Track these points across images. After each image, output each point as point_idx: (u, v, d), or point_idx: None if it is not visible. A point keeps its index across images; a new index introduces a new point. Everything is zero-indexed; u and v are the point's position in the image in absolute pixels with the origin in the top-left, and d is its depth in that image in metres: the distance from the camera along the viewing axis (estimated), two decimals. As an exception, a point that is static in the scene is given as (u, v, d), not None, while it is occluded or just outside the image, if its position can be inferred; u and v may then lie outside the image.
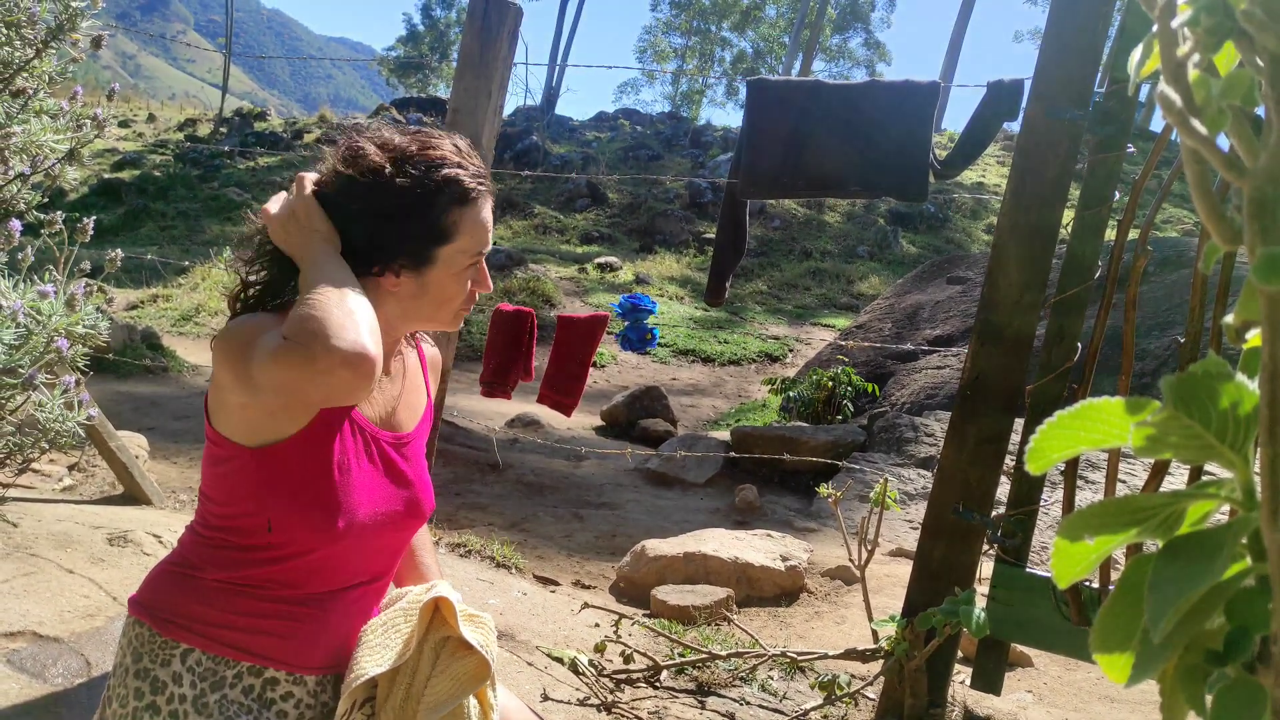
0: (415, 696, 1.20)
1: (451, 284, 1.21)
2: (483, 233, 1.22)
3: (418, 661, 1.22)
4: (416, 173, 1.15)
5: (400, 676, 1.21)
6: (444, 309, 1.24)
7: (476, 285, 1.25)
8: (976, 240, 16.44)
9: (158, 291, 9.85)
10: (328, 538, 1.15)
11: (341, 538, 1.16)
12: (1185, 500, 0.38)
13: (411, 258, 1.17)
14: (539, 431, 6.74)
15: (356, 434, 1.20)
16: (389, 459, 1.25)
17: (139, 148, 18.09)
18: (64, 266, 2.33)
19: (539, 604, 3.32)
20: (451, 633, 1.24)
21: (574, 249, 14.94)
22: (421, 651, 1.23)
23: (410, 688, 1.21)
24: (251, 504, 1.15)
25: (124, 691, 1.16)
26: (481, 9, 2.79)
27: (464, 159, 1.20)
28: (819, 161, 3.02)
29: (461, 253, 1.20)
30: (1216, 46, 0.35)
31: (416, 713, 1.19)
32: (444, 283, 1.21)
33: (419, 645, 1.23)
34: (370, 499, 1.20)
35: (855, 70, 35.92)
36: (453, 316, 1.26)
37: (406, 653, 1.21)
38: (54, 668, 2.25)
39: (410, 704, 1.20)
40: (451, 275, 1.21)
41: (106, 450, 3.47)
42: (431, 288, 1.20)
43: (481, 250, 1.23)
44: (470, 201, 1.19)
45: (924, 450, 5.70)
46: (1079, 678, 3.15)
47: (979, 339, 2.21)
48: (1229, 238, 0.34)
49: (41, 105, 2.27)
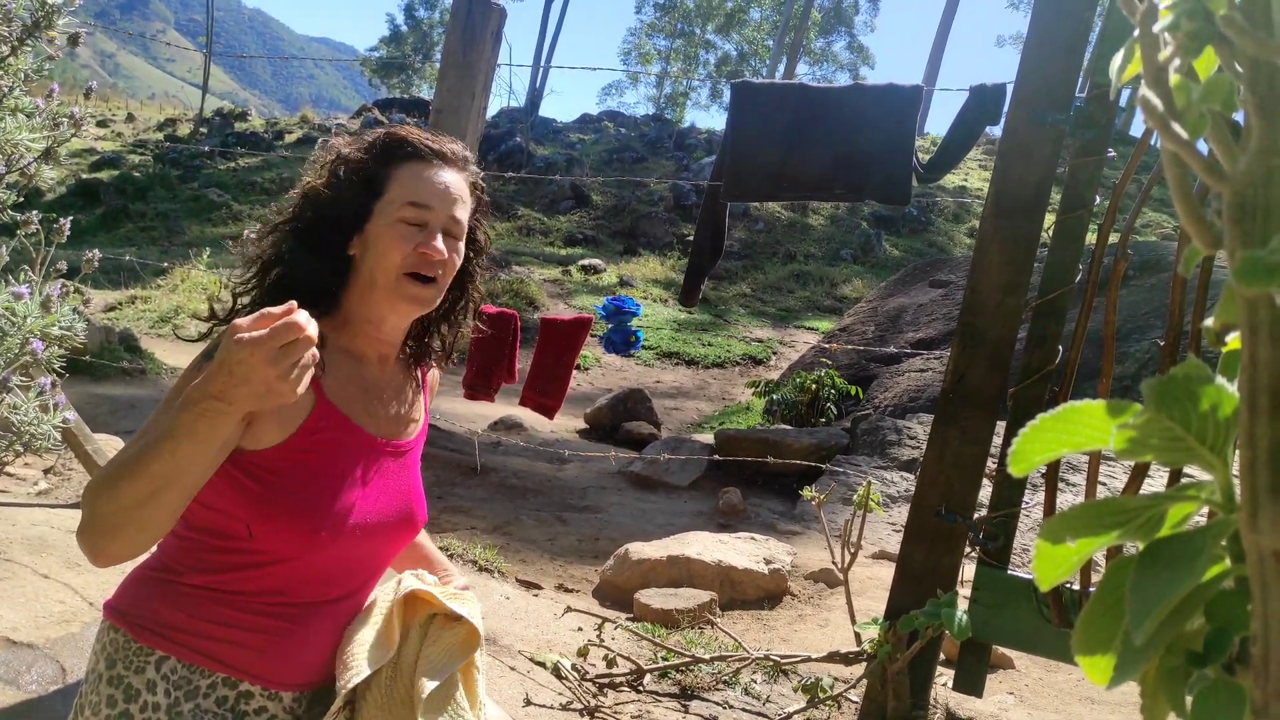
0: (405, 671, 1.19)
1: (385, 237, 1.20)
2: (418, 186, 1.21)
3: (403, 645, 1.21)
4: (368, 140, 1.25)
5: (383, 666, 1.20)
6: (381, 269, 1.19)
7: (421, 246, 1.19)
8: (959, 244, 16.57)
9: (136, 293, 9.75)
10: (310, 545, 1.14)
11: (324, 546, 1.15)
12: (1166, 503, 0.39)
13: (356, 215, 1.21)
14: (522, 434, 6.72)
15: (350, 443, 1.19)
16: (384, 468, 1.23)
17: (118, 148, 17.91)
18: (40, 267, 2.30)
19: (521, 608, 3.31)
20: (438, 610, 1.24)
21: (558, 251, 14.93)
22: (407, 636, 1.22)
23: (397, 665, 1.20)
24: (232, 507, 1.13)
25: (96, 699, 1.15)
26: (465, 10, 2.78)
27: (420, 132, 1.26)
28: (803, 164, 3.03)
29: (391, 203, 1.20)
30: (1197, 51, 0.35)
31: (412, 687, 1.17)
32: (379, 236, 1.20)
33: (402, 634, 1.22)
34: (360, 509, 1.18)
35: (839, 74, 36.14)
36: (395, 280, 1.19)
37: (388, 653, 1.20)
38: (28, 674, 2.22)
39: (400, 680, 1.19)
40: (385, 227, 1.20)
41: (83, 453, 3.43)
42: (369, 244, 1.21)
43: (414, 201, 1.20)
44: (408, 157, 1.22)
45: (907, 453, 5.73)
46: (1060, 679, 3.17)
47: (961, 342, 2.22)
48: (1209, 241, 0.34)
49: (17, 103, 2.24)
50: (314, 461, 1.14)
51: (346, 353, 1.23)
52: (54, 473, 3.90)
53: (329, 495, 1.15)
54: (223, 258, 11.13)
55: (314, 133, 19.93)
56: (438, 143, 1.25)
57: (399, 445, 1.27)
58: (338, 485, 1.16)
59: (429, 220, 1.21)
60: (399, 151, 1.23)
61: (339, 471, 1.16)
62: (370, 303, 1.22)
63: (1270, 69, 0.32)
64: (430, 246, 1.20)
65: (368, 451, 1.21)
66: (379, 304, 1.22)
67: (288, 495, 1.12)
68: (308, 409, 1.15)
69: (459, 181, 1.26)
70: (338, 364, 1.21)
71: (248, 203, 15.37)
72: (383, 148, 1.23)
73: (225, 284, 1.25)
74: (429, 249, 1.20)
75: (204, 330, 1.23)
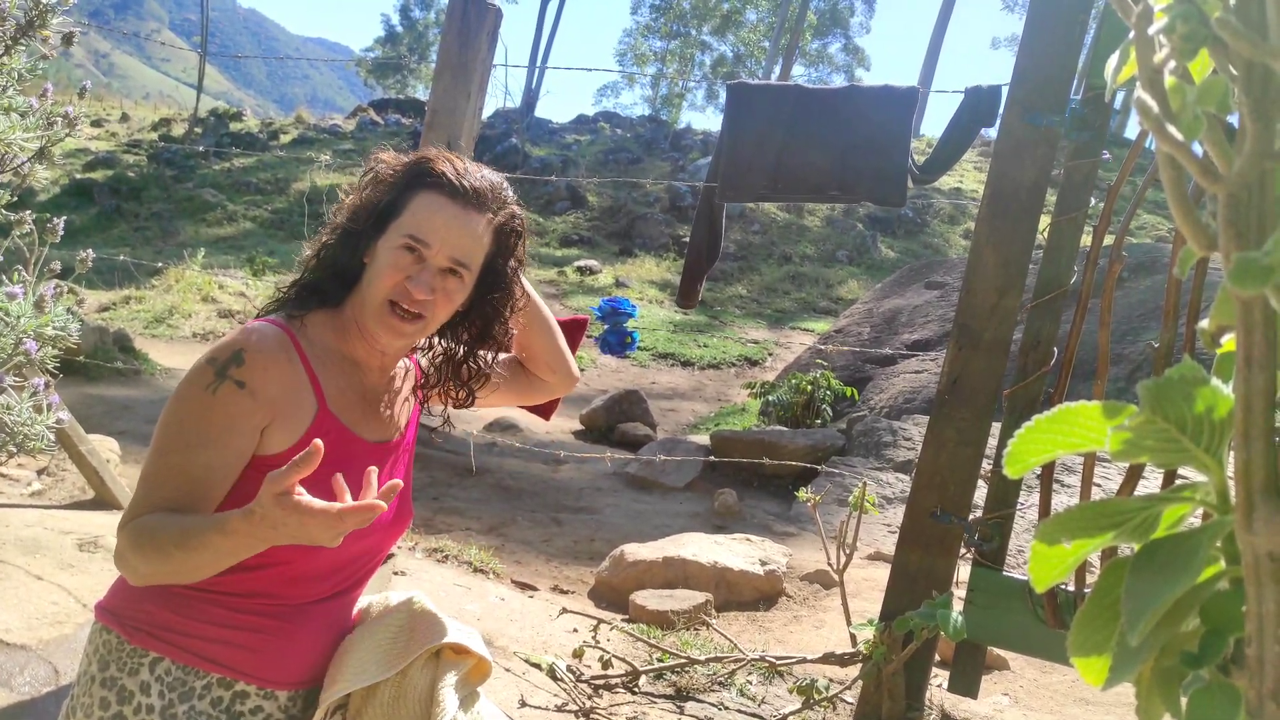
0: (410, 694, 1.19)
1: (382, 259, 1.19)
2: (426, 220, 1.18)
3: (409, 669, 1.22)
4: (407, 158, 1.25)
5: (384, 684, 1.20)
6: (372, 290, 1.18)
7: (411, 281, 1.18)
8: (954, 245, 16.60)
9: (130, 293, 9.71)
10: (303, 550, 1.14)
11: (318, 550, 1.15)
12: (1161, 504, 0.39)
13: (374, 230, 1.21)
14: (517, 435, 6.71)
15: (347, 450, 1.19)
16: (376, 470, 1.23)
17: (112, 147, 17.85)
18: (33, 267, 2.29)
19: (517, 609, 3.31)
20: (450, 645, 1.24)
21: (553, 252, 14.92)
22: (414, 663, 1.23)
23: (402, 687, 1.20)
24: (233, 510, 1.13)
25: (89, 701, 1.14)
26: (460, 10, 2.78)
27: (451, 164, 1.22)
28: (798, 166, 3.03)
29: (400, 228, 1.19)
30: (1192, 53, 0.35)
31: (419, 709, 1.18)
32: (379, 256, 1.19)
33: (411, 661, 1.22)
34: None
35: (834, 75, 36.16)
36: (379, 305, 1.18)
37: (388, 672, 1.20)
38: (21, 676, 2.21)
39: (404, 702, 1.19)
40: (385, 250, 1.19)
41: (77, 454, 3.42)
42: (373, 260, 1.21)
43: (415, 235, 1.17)
44: (427, 185, 1.20)
45: (902, 454, 5.74)
46: (1055, 680, 3.18)
47: (957, 343, 2.23)
48: (1204, 243, 0.34)
49: (11, 103, 2.23)
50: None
51: (348, 359, 1.24)
52: (47, 473, 3.88)
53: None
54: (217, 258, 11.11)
55: (309, 133, 19.88)
56: (467, 178, 1.22)
57: (390, 444, 1.28)
58: (332, 496, 1.16)
59: (426, 257, 1.18)
60: (422, 179, 1.21)
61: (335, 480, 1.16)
62: (363, 316, 1.22)
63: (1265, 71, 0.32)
64: (416, 283, 1.17)
65: (363, 457, 1.21)
66: (368, 320, 1.21)
67: None
68: (311, 416, 1.16)
69: (475, 222, 1.21)
70: (339, 370, 1.21)
71: (242, 203, 15.34)
72: (410, 171, 1.22)
73: (220, 285, 1.25)
74: (414, 286, 1.17)
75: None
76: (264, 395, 1.11)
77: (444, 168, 1.21)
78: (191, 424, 1.09)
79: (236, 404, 1.10)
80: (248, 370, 1.10)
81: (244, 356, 1.11)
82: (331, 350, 1.21)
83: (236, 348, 1.12)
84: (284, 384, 1.13)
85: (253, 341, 1.13)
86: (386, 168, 1.23)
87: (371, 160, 1.27)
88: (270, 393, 1.12)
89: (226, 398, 1.09)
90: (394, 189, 1.21)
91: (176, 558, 1.03)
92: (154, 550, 1.03)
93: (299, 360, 1.16)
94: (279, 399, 1.12)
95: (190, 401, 1.10)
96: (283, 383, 1.13)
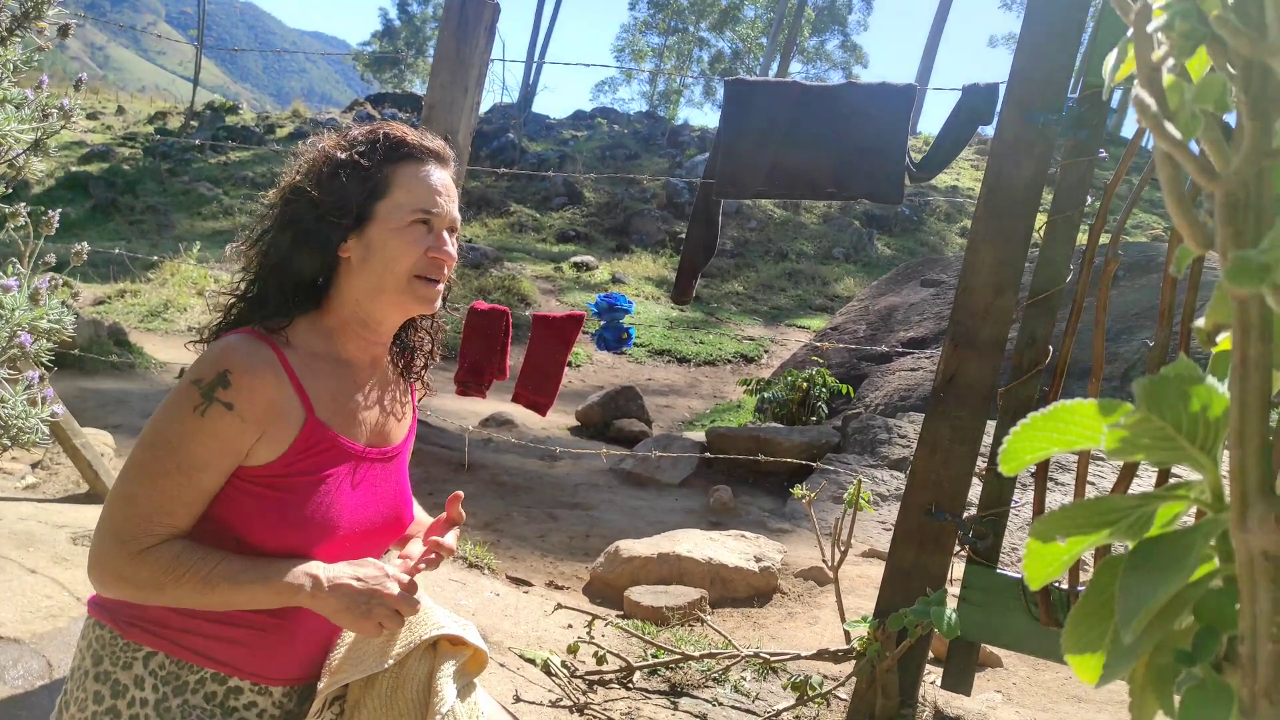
0: (408, 684, 1.19)
1: (394, 241, 1.19)
2: (423, 190, 1.21)
3: (407, 660, 1.21)
4: (360, 138, 1.23)
5: (382, 676, 1.20)
6: (391, 272, 1.19)
7: (432, 250, 1.21)
8: (951, 243, 16.61)
9: (125, 286, 9.68)
10: (312, 551, 1.14)
11: (325, 551, 1.15)
12: (1155, 502, 0.39)
13: (354, 217, 1.19)
14: (513, 431, 6.71)
15: (339, 458, 1.18)
16: (372, 476, 1.23)
17: (108, 140, 17.79)
18: (28, 260, 2.28)
19: (512, 605, 3.31)
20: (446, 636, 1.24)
21: (550, 248, 14.90)
22: (411, 653, 1.22)
23: (400, 677, 1.20)
24: (226, 517, 1.13)
25: (83, 695, 1.14)
26: (458, 4, 2.77)
27: (413, 131, 1.24)
28: (795, 162, 3.03)
29: (399, 207, 1.19)
30: (1190, 52, 0.35)
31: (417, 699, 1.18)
32: (386, 240, 1.19)
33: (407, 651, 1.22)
34: (348, 520, 1.18)
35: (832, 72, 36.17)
36: (406, 283, 1.20)
37: (386, 663, 1.19)
38: (14, 669, 2.21)
39: (401, 692, 1.19)
40: (392, 231, 1.19)
41: (71, 448, 3.41)
42: (375, 247, 1.19)
43: (424, 208, 1.20)
44: (406, 157, 1.21)
45: (897, 451, 5.75)
46: (1047, 678, 3.19)
47: (952, 341, 2.23)
48: (1201, 242, 0.34)
49: (6, 94, 2.22)
50: (302, 482, 1.14)
51: (336, 360, 1.22)
52: (42, 467, 3.87)
53: (318, 512, 1.14)
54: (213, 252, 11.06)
55: (305, 127, 19.83)
56: (429, 140, 1.25)
57: (387, 451, 1.26)
58: (326, 501, 1.15)
59: (435, 224, 1.22)
60: (398, 152, 1.22)
61: (327, 487, 1.16)
62: (376, 305, 1.21)
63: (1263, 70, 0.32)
64: (441, 251, 1.22)
65: (356, 463, 1.20)
66: (385, 306, 1.21)
67: (276, 513, 1.12)
68: (297, 427, 1.14)
69: (450, 179, 1.26)
70: (327, 374, 1.20)
71: (238, 197, 15.29)
72: (383, 149, 1.21)
73: (215, 279, 1.25)
74: (440, 254, 1.21)
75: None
76: (252, 415, 1.10)
77: (409, 136, 1.24)
78: (183, 448, 1.08)
79: (226, 426, 1.09)
80: (234, 392, 1.09)
81: (229, 378, 1.10)
82: (319, 355, 1.20)
83: (221, 368, 1.10)
84: (271, 399, 1.12)
85: (238, 361, 1.11)
86: (348, 153, 1.20)
87: (315, 149, 1.24)
88: (258, 411, 1.11)
89: (215, 421, 1.09)
90: (368, 172, 1.20)
91: (220, 591, 1.07)
92: (200, 583, 1.07)
93: (284, 373, 1.14)
94: (266, 415, 1.11)
95: (178, 424, 1.09)
96: (269, 398, 1.12)
